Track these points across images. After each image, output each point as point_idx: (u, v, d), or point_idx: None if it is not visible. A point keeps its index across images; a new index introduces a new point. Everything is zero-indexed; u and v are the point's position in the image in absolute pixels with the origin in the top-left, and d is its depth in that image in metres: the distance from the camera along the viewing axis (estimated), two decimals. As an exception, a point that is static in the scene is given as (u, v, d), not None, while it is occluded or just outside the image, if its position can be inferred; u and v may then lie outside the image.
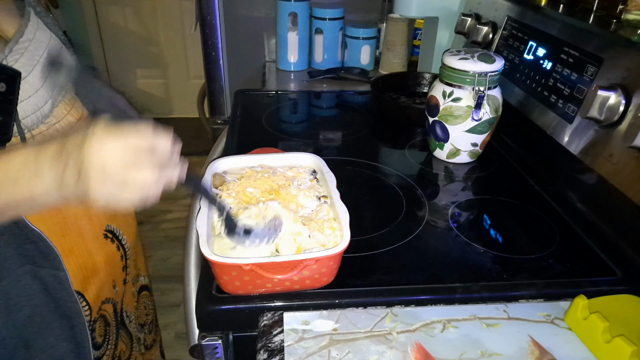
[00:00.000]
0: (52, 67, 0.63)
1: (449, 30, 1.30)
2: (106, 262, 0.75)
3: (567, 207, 0.80)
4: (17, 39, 0.61)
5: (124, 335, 0.85)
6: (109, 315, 0.79)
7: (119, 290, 0.82)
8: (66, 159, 0.45)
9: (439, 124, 0.90)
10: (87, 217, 0.71)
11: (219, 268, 0.55)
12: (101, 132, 0.44)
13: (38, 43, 0.64)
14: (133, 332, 0.89)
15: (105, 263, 0.75)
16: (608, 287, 0.62)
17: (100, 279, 0.74)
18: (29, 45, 0.62)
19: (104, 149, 0.44)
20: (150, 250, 2.15)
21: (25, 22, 0.64)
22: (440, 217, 0.77)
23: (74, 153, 0.44)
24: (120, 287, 0.82)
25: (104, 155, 0.44)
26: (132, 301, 0.88)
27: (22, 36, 0.62)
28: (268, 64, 1.62)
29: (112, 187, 0.45)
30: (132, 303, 0.88)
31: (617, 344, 0.50)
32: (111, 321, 0.80)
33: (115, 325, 0.81)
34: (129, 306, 0.87)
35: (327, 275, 0.58)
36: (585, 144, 0.74)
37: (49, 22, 0.69)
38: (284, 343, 0.53)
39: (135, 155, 0.45)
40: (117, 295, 0.81)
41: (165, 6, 3.01)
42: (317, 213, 0.63)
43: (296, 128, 1.15)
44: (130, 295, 0.87)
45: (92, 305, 0.73)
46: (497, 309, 0.59)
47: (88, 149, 0.44)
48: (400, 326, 0.56)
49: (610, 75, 0.70)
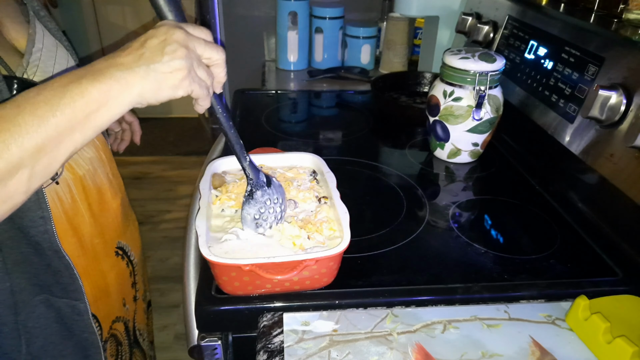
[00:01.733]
0: None
1: (449, 30, 1.30)
2: (117, 280, 0.74)
3: (568, 207, 0.80)
4: (30, 50, 0.60)
5: (138, 354, 0.84)
6: (120, 335, 0.77)
7: (130, 308, 0.80)
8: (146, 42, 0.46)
9: (440, 123, 0.90)
10: (101, 235, 0.70)
11: (219, 269, 0.54)
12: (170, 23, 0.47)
13: (48, 52, 0.63)
14: (146, 350, 0.88)
15: (116, 281, 0.74)
16: (609, 288, 0.62)
17: (111, 298, 0.73)
18: (41, 55, 0.61)
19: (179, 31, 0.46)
20: (150, 250, 2.15)
21: (33, 29, 0.62)
22: (440, 217, 0.77)
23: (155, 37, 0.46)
24: (131, 305, 0.81)
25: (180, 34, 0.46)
26: (144, 318, 0.87)
27: (33, 45, 0.60)
28: (268, 64, 1.62)
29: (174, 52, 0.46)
30: (143, 320, 0.87)
31: (618, 345, 0.50)
32: (123, 340, 0.78)
33: (129, 344, 0.80)
34: (141, 324, 0.85)
35: (327, 276, 0.58)
36: (587, 143, 0.73)
37: (52, 27, 0.67)
38: (284, 344, 0.53)
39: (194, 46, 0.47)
40: (128, 313, 0.80)
41: (165, 5, 3.01)
42: (316, 214, 0.62)
43: (296, 128, 1.15)
44: (142, 312, 0.86)
45: (103, 325, 0.72)
46: (498, 310, 0.59)
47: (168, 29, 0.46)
48: (400, 327, 0.56)
49: (611, 75, 0.70)
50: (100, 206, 0.69)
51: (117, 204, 0.74)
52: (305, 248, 0.57)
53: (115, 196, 0.73)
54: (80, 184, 0.65)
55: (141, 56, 0.45)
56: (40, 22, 0.65)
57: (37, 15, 0.65)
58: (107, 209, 0.71)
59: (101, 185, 0.70)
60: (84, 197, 0.66)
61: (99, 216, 0.69)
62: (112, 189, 0.73)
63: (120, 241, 0.75)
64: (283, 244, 0.58)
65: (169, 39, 0.45)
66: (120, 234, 0.75)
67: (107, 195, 0.71)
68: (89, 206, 0.67)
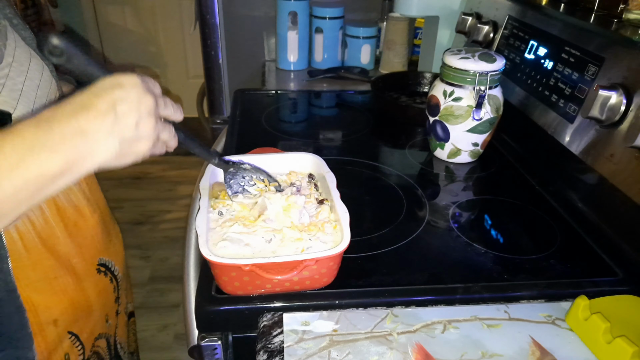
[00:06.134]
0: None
1: (449, 30, 1.30)
2: (99, 298, 0.71)
3: (568, 207, 0.80)
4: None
5: None
6: (102, 351, 0.75)
7: (112, 323, 0.78)
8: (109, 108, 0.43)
9: (440, 123, 0.89)
10: (80, 254, 0.66)
11: (219, 269, 0.54)
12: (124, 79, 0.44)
13: (19, 66, 0.56)
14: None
15: (99, 298, 0.71)
16: (609, 288, 0.62)
17: (94, 316, 0.70)
18: (10, 71, 0.54)
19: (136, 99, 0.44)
20: (150, 250, 2.15)
21: (3, 40, 0.55)
22: (440, 217, 0.77)
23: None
24: (113, 320, 0.78)
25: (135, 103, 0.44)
26: (124, 331, 0.85)
27: (1, 61, 0.53)
28: (268, 64, 1.62)
29: (121, 121, 0.44)
30: (124, 334, 0.84)
31: (618, 345, 0.50)
32: (105, 356, 0.76)
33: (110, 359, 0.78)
34: (122, 337, 0.83)
35: (327, 276, 0.58)
36: (587, 143, 0.73)
37: (27, 35, 0.61)
38: (284, 344, 0.53)
39: (151, 107, 0.45)
40: (110, 328, 0.77)
41: (165, 5, 3.00)
42: (317, 215, 0.62)
43: (296, 128, 1.15)
44: (123, 325, 0.83)
45: (85, 344, 0.68)
46: (498, 310, 0.59)
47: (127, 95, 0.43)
48: (400, 327, 0.56)
49: (611, 75, 0.70)
50: (77, 225, 0.66)
51: (94, 220, 0.70)
52: (306, 249, 0.57)
53: (93, 213, 0.70)
54: (54, 204, 0.62)
55: (112, 125, 0.42)
56: (14, 30, 0.58)
57: (10, 22, 0.58)
58: (85, 227, 0.68)
59: (77, 203, 0.66)
60: (59, 218, 0.62)
61: (76, 235, 0.65)
62: (90, 206, 0.69)
63: (102, 257, 0.72)
64: (285, 246, 0.58)
65: (142, 108, 0.44)
66: (101, 251, 0.72)
67: (84, 212, 0.68)
68: (64, 227, 0.63)
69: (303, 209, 0.62)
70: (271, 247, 0.57)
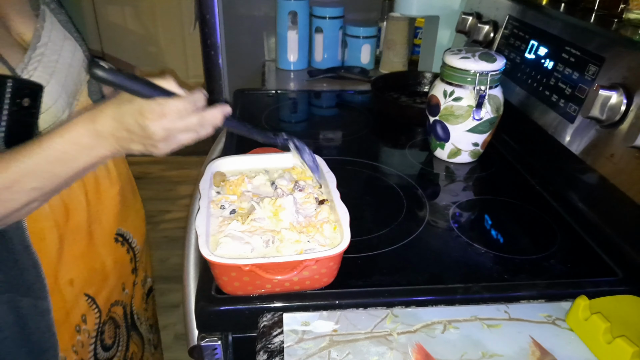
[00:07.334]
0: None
1: (449, 29, 1.30)
2: (116, 265, 0.75)
3: (568, 207, 0.79)
4: (34, 45, 0.59)
5: (135, 337, 0.85)
6: (119, 317, 0.79)
7: (129, 292, 0.82)
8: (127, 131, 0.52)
9: (440, 123, 0.89)
10: (99, 221, 0.71)
11: (219, 269, 0.54)
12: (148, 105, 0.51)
13: (53, 46, 0.62)
14: (144, 333, 0.89)
15: (115, 266, 0.75)
16: (609, 288, 0.62)
17: (110, 282, 0.74)
18: (45, 49, 0.60)
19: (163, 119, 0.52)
20: (150, 250, 2.15)
21: (41, 23, 0.61)
22: (441, 217, 0.77)
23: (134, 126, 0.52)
24: (130, 290, 0.82)
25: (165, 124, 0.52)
26: (142, 303, 0.88)
27: (38, 41, 0.60)
28: (268, 63, 1.62)
29: (174, 141, 0.54)
30: (142, 305, 0.88)
31: (618, 345, 0.50)
32: (121, 323, 0.79)
33: (126, 327, 0.81)
34: (139, 308, 0.86)
35: (327, 276, 0.58)
36: (587, 143, 0.73)
37: (62, 19, 0.66)
38: (284, 344, 0.53)
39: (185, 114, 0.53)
40: (127, 297, 0.81)
41: (165, 5, 3.01)
42: (316, 215, 0.62)
43: (296, 128, 1.15)
44: (140, 297, 0.87)
45: (102, 308, 0.73)
46: (498, 310, 0.59)
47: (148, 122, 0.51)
48: (400, 327, 0.56)
49: (611, 75, 0.70)
50: (97, 194, 0.70)
51: (114, 192, 0.74)
52: (306, 249, 0.57)
53: (113, 185, 0.74)
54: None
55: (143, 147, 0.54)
56: (52, 14, 0.64)
57: (48, 7, 0.64)
58: (105, 197, 0.72)
59: (98, 174, 0.71)
60: (82, 184, 0.67)
61: (96, 203, 0.70)
62: (110, 179, 0.73)
63: (120, 228, 0.76)
64: (284, 247, 0.58)
65: (185, 135, 0.54)
66: (120, 222, 0.76)
67: (105, 184, 0.72)
68: (85, 193, 0.67)
69: (293, 207, 0.62)
70: (271, 248, 0.57)
